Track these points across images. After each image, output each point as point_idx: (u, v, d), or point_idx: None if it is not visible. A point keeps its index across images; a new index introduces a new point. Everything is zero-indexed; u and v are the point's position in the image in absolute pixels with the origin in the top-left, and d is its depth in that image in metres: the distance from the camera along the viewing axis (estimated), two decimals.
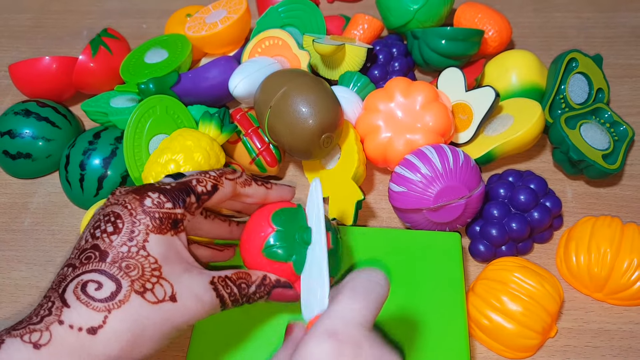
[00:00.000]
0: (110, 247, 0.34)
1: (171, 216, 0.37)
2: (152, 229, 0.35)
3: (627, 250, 0.53)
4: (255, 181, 0.43)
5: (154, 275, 0.34)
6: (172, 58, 0.70)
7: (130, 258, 0.34)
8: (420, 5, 0.70)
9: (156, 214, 0.36)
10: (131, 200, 0.36)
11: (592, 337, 0.53)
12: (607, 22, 0.83)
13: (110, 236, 0.34)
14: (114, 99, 0.69)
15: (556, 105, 0.65)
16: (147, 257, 0.34)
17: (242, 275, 0.40)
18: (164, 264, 0.35)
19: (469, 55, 0.70)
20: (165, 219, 0.36)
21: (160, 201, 0.37)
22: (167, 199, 0.37)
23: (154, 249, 0.35)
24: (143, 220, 0.35)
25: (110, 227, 0.35)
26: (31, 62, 0.70)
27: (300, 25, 0.73)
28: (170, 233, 0.36)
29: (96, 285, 0.33)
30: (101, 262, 0.34)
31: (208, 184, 0.40)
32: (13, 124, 0.66)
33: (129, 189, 0.38)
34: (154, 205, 0.36)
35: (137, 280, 0.33)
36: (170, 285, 0.35)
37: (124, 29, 0.82)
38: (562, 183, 0.64)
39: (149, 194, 0.37)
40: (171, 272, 0.35)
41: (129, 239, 0.34)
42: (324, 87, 0.57)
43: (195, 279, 0.37)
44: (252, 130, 0.63)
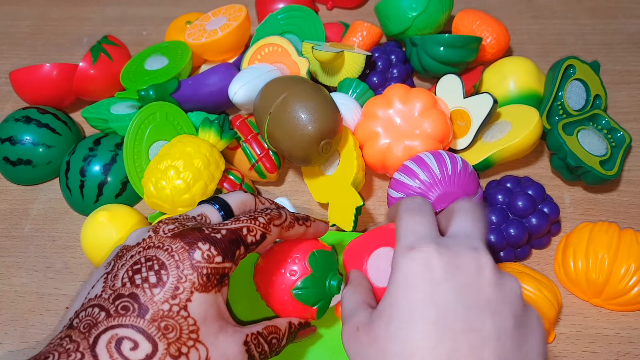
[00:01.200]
0: (152, 302, 0.32)
1: (219, 271, 0.34)
2: (197, 287, 0.33)
3: (625, 255, 0.53)
4: (298, 221, 0.41)
5: (191, 339, 0.32)
6: (172, 65, 0.71)
7: (170, 318, 0.32)
8: (418, 13, 0.71)
9: (204, 270, 0.33)
10: (179, 249, 0.33)
11: (590, 342, 0.53)
12: (604, 29, 0.83)
13: (153, 289, 0.32)
14: (114, 106, 0.69)
15: (554, 112, 0.66)
16: (187, 319, 0.32)
17: (273, 329, 0.39)
18: (202, 326, 0.33)
19: (467, 62, 0.70)
20: (212, 275, 0.34)
21: (211, 255, 0.34)
22: (218, 252, 0.34)
23: (196, 310, 0.33)
24: (190, 277, 0.33)
25: (154, 277, 0.32)
26: (32, 69, 0.70)
27: (299, 33, 0.73)
28: (214, 290, 0.34)
29: (132, 344, 0.30)
30: (140, 318, 0.31)
31: (258, 233, 0.37)
32: (13, 131, 0.66)
33: (176, 232, 0.34)
34: (203, 260, 0.33)
35: (173, 343, 0.31)
36: (206, 349, 0.33)
37: (124, 36, 0.82)
38: (559, 189, 0.65)
39: (199, 246, 0.34)
40: (208, 334, 0.33)
41: (172, 297, 0.32)
42: (323, 94, 0.58)
43: (229, 340, 0.35)
44: (251, 137, 0.63)
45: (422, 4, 0.71)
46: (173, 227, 0.35)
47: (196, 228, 0.35)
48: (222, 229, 0.35)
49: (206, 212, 0.38)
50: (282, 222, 0.39)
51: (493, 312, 0.29)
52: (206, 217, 0.38)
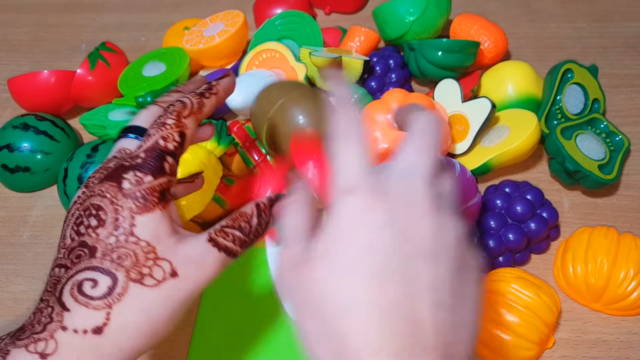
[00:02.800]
0: (98, 241, 0.33)
1: (155, 189, 0.34)
2: (136, 211, 0.33)
3: (624, 260, 0.53)
4: (204, 96, 0.39)
5: (149, 259, 0.33)
6: (170, 71, 0.71)
7: (121, 247, 0.32)
8: (416, 17, 0.71)
9: (137, 193, 0.33)
10: (109, 189, 0.34)
11: (589, 347, 0.53)
12: (602, 33, 0.83)
13: (96, 230, 0.33)
14: (112, 112, 0.69)
15: (552, 116, 0.66)
16: (138, 242, 0.33)
17: (238, 216, 0.37)
18: (157, 244, 0.33)
19: (465, 67, 0.70)
20: (149, 195, 0.34)
21: (139, 178, 0.34)
22: (145, 173, 0.34)
23: (144, 232, 0.33)
24: (125, 204, 0.33)
25: (94, 220, 0.33)
26: (30, 76, 0.70)
27: (297, 38, 0.73)
28: (158, 207, 0.34)
29: (92, 283, 0.32)
30: (92, 258, 0.32)
31: (174, 135, 0.36)
32: (11, 138, 0.66)
33: (102, 176, 0.35)
34: (132, 185, 0.34)
35: (132, 268, 0.32)
36: (168, 262, 0.33)
37: (122, 42, 0.82)
38: (558, 193, 0.65)
39: (124, 176, 0.34)
40: (166, 249, 0.34)
41: (114, 228, 0.33)
42: (321, 98, 0.58)
43: (190, 244, 0.35)
44: (249, 142, 0.63)
45: (419, 8, 0.71)
46: (98, 174, 0.35)
47: (118, 165, 0.35)
48: (139, 153, 0.35)
49: (124, 145, 0.38)
50: (191, 110, 0.37)
51: (432, 260, 0.28)
52: (125, 149, 0.38)
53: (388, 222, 0.28)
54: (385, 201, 0.29)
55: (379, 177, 0.30)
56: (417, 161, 0.31)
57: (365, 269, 0.28)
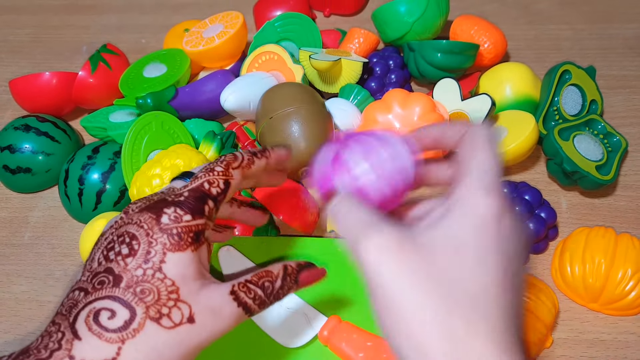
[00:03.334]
0: (125, 270, 0.32)
1: (192, 229, 0.34)
2: (169, 248, 0.33)
3: (622, 260, 0.53)
4: (256, 156, 0.40)
5: (171, 299, 0.32)
6: (171, 72, 0.71)
7: (146, 282, 0.32)
8: (416, 18, 0.71)
9: (174, 230, 0.33)
10: (147, 219, 0.34)
11: (587, 347, 0.53)
12: (600, 34, 0.84)
13: (125, 259, 0.32)
14: (113, 114, 0.69)
15: (550, 117, 0.66)
16: (164, 280, 0.32)
17: (264, 274, 0.37)
18: (182, 285, 0.33)
19: (464, 69, 0.71)
20: (185, 234, 0.34)
21: (178, 215, 0.34)
22: (185, 211, 0.34)
23: (172, 270, 0.33)
24: (160, 239, 0.33)
25: (125, 248, 0.33)
26: (31, 78, 0.70)
27: (296, 39, 0.74)
28: (190, 248, 0.34)
29: (109, 313, 0.31)
30: (115, 287, 0.32)
31: (220, 182, 0.37)
32: (13, 139, 0.66)
33: (143, 206, 0.35)
34: (171, 221, 0.33)
35: (152, 305, 0.31)
36: (188, 307, 0.33)
37: (122, 44, 0.83)
38: (556, 194, 0.65)
39: (165, 211, 0.34)
40: (189, 292, 0.33)
41: (144, 261, 0.32)
42: (326, 124, 0.58)
43: (213, 293, 0.34)
44: (248, 143, 0.63)
45: (419, 9, 0.71)
46: (140, 203, 0.35)
47: (160, 199, 0.35)
48: (184, 191, 0.36)
49: (173, 185, 0.39)
50: (240, 163, 0.39)
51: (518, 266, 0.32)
52: (172, 187, 0.38)
53: (513, 230, 0.31)
54: (510, 211, 0.31)
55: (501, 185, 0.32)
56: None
57: (497, 265, 0.30)
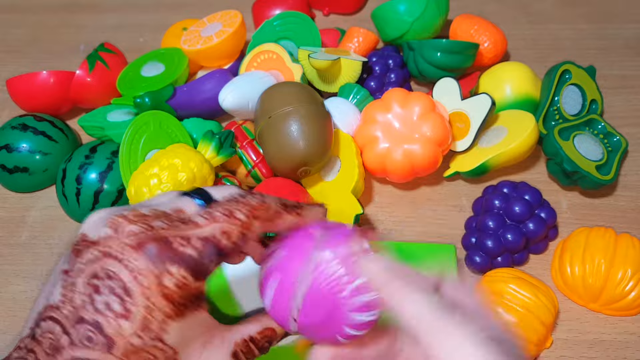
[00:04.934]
0: (119, 335, 0.27)
1: (194, 293, 0.30)
2: (171, 316, 0.29)
3: (621, 260, 0.53)
4: (286, 209, 0.34)
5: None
6: (169, 71, 0.71)
7: (144, 351, 0.28)
8: (415, 18, 0.71)
9: (178, 299, 0.29)
10: (146, 272, 0.28)
11: (587, 347, 0.53)
12: (600, 34, 0.83)
13: (119, 319, 0.27)
14: (111, 113, 0.69)
15: (550, 117, 0.66)
16: (164, 349, 0.29)
17: (268, 332, 0.34)
18: (182, 350, 0.30)
19: (464, 68, 0.70)
20: (187, 299, 0.29)
21: (183, 279, 0.29)
22: (191, 274, 0.29)
23: (173, 338, 0.29)
24: (161, 307, 0.28)
25: (117, 305, 0.28)
26: (29, 77, 0.70)
27: (295, 39, 0.73)
28: (192, 312, 0.30)
29: None
30: (107, 353, 0.27)
31: (235, 235, 0.31)
32: (10, 138, 0.66)
33: (140, 241, 0.29)
34: (175, 287, 0.29)
35: None
36: None
37: (121, 43, 0.82)
38: (556, 194, 0.65)
39: (169, 269, 0.28)
40: (188, 355, 0.30)
41: (141, 329, 0.28)
42: (325, 123, 0.58)
43: (215, 354, 0.32)
44: (247, 143, 0.63)
45: (419, 8, 0.71)
46: (137, 229, 0.29)
47: (162, 237, 0.29)
48: (193, 237, 0.30)
49: (183, 207, 0.32)
50: (266, 214, 0.32)
51: None
52: (181, 210, 0.32)
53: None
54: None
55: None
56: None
57: None
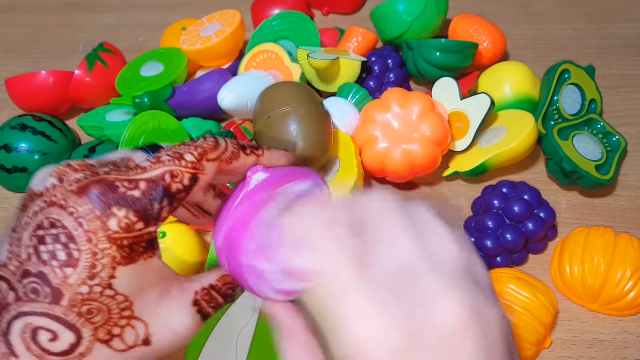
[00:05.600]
0: (65, 284, 0.26)
1: (144, 237, 0.28)
2: (120, 261, 0.27)
3: (621, 260, 0.53)
4: (244, 150, 0.33)
5: (123, 317, 0.27)
6: (168, 71, 0.71)
7: (93, 300, 0.26)
8: (414, 17, 0.71)
9: (125, 242, 0.27)
10: (90, 217, 0.26)
11: (586, 347, 0.53)
12: (600, 33, 0.83)
13: (64, 268, 0.26)
14: (110, 113, 0.69)
15: (549, 117, 0.66)
16: (115, 297, 0.27)
17: (228, 279, 0.32)
18: (136, 299, 0.28)
19: (463, 68, 0.70)
20: (136, 244, 0.28)
21: (130, 222, 0.27)
22: (138, 217, 0.27)
23: (123, 285, 0.27)
24: (107, 251, 0.27)
25: (62, 253, 0.26)
26: (28, 77, 0.70)
27: (294, 38, 0.73)
28: (143, 257, 0.28)
29: (50, 335, 0.26)
30: (54, 304, 0.26)
31: (185, 176, 0.29)
32: (9, 138, 0.66)
33: (82, 185, 0.27)
34: (121, 229, 0.27)
35: (101, 326, 0.27)
36: (144, 325, 0.28)
37: (120, 42, 0.82)
38: (555, 194, 0.65)
39: (114, 212, 0.27)
40: (145, 306, 0.28)
41: (89, 277, 0.26)
42: (325, 123, 0.58)
43: (175, 305, 0.30)
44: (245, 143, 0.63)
45: (418, 7, 0.71)
46: (81, 176, 0.28)
47: (106, 180, 0.28)
48: (139, 179, 0.28)
49: (132, 156, 0.31)
50: (219, 154, 0.31)
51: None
52: (129, 159, 0.31)
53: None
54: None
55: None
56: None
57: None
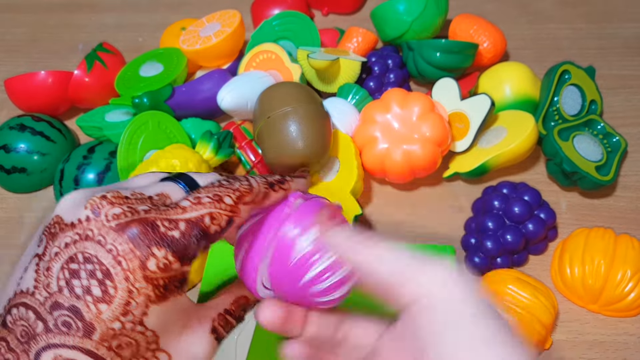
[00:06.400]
0: (98, 319, 0.26)
1: (178, 277, 0.28)
2: (154, 300, 0.27)
3: (621, 261, 0.53)
4: (272, 188, 0.33)
5: (150, 350, 0.28)
6: (168, 71, 0.71)
7: (124, 336, 0.27)
8: (415, 17, 0.71)
9: (161, 282, 0.28)
10: (127, 255, 0.27)
11: (587, 348, 0.53)
12: (600, 34, 0.83)
13: (98, 304, 0.26)
14: (109, 114, 0.69)
15: (549, 117, 0.66)
16: (145, 333, 0.28)
17: (243, 301, 0.34)
18: (163, 334, 0.29)
19: (463, 68, 0.70)
20: (170, 284, 0.28)
21: (168, 262, 0.27)
22: (176, 259, 0.28)
23: (154, 322, 0.28)
24: (143, 290, 0.27)
25: (97, 289, 0.26)
26: (27, 77, 0.70)
27: (294, 39, 0.73)
28: (174, 295, 0.29)
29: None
30: (86, 338, 0.26)
31: (223, 219, 0.30)
32: (8, 139, 0.66)
33: (123, 223, 0.27)
34: (159, 270, 0.27)
35: (130, 358, 0.28)
36: (168, 356, 0.29)
37: (119, 43, 0.82)
38: (556, 194, 0.65)
39: (154, 252, 0.27)
40: (169, 340, 0.29)
41: (122, 314, 0.27)
42: (324, 124, 0.58)
43: (195, 335, 0.31)
44: (245, 143, 0.63)
45: (418, 8, 0.71)
46: (119, 211, 0.28)
47: (147, 220, 0.28)
48: (180, 220, 0.28)
49: (168, 192, 0.31)
50: (253, 198, 0.32)
51: None
52: (165, 194, 0.31)
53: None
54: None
55: None
56: None
57: None
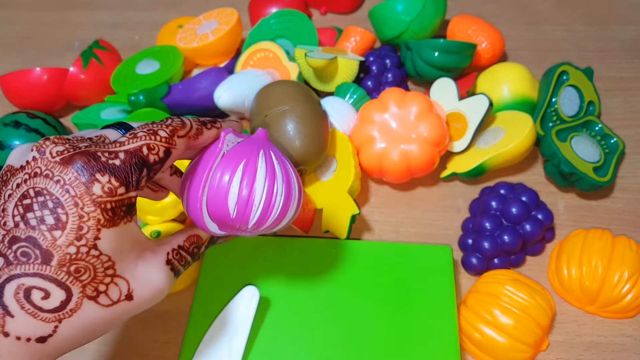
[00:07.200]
0: (54, 246, 0.29)
1: (124, 202, 0.31)
2: (104, 224, 0.30)
3: (618, 262, 0.52)
4: (205, 126, 0.37)
5: (107, 275, 0.31)
6: (164, 69, 0.70)
7: (80, 260, 0.30)
8: (413, 17, 0.71)
9: (108, 205, 0.30)
10: (75, 184, 0.30)
11: (584, 350, 0.53)
12: (598, 36, 0.83)
13: (52, 232, 0.29)
14: (105, 111, 0.68)
15: (547, 118, 0.65)
16: (99, 257, 0.30)
17: (194, 239, 0.38)
18: (118, 260, 0.31)
19: (461, 68, 0.70)
20: (118, 208, 0.31)
21: (112, 187, 0.30)
22: (120, 183, 0.31)
23: (107, 246, 0.31)
24: (92, 214, 0.30)
25: (50, 217, 0.29)
26: (22, 74, 0.69)
27: (292, 37, 0.73)
28: (123, 221, 0.31)
29: (42, 293, 0.29)
30: (45, 264, 0.29)
31: (160, 149, 0.33)
32: (2, 136, 0.65)
33: (67, 157, 0.30)
34: (104, 194, 0.30)
35: (89, 284, 0.30)
36: (126, 282, 0.32)
37: (116, 40, 0.82)
38: (553, 195, 0.64)
39: (98, 178, 0.30)
40: (126, 267, 0.32)
41: (76, 238, 0.29)
42: (322, 123, 0.58)
43: (151, 265, 0.34)
44: None
45: (417, 7, 0.70)
46: (62, 148, 0.31)
47: (89, 152, 0.31)
48: (119, 150, 0.32)
49: (106, 134, 0.35)
50: (187, 132, 0.35)
51: None
52: (104, 136, 0.34)
53: None
54: None
55: None
56: None
57: None
